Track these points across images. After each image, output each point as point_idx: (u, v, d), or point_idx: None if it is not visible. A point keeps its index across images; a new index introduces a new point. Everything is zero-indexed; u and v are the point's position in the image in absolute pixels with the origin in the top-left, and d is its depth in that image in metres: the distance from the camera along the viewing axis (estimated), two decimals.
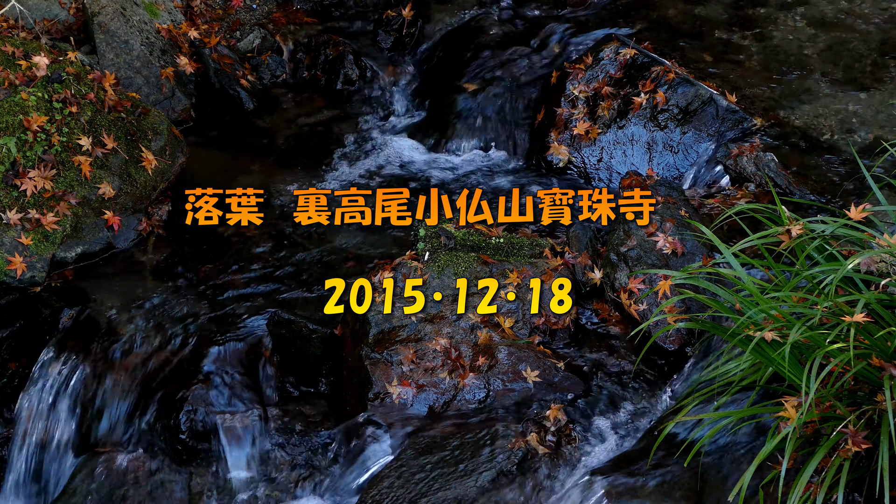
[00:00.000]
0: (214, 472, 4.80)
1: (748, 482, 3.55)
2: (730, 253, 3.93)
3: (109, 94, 5.54)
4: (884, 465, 3.39)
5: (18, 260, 5.14)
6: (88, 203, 5.40)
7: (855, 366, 3.46)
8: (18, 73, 5.40)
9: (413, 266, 5.00)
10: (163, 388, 4.93)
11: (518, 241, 5.14)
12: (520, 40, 6.60)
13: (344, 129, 6.40)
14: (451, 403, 4.68)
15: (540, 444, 4.38)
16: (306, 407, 4.96)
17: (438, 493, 4.29)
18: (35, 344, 5.13)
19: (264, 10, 6.98)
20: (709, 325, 4.12)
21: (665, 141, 5.76)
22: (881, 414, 3.48)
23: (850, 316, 3.48)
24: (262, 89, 6.63)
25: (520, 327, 4.87)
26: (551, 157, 5.91)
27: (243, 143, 6.26)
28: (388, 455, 4.54)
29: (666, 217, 5.04)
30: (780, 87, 5.97)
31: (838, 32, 6.30)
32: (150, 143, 5.63)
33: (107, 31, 6.19)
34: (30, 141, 5.27)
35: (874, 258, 3.81)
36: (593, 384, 4.74)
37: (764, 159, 5.39)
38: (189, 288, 5.32)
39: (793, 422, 3.46)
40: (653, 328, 4.72)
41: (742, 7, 6.59)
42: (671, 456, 4.03)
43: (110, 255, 5.46)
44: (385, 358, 4.76)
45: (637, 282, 4.88)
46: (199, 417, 4.81)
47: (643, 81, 5.82)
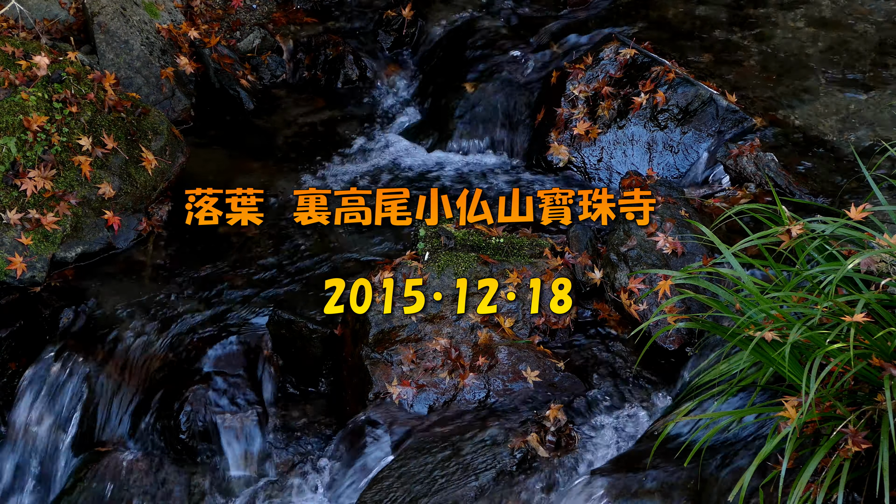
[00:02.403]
0: (214, 471, 4.80)
1: (748, 482, 3.55)
2: (730, 253, 3.93)
3: (109, 94, 5.54)
4: (884, 465, 3.39)
5: (18, 260, 5.14)
6: (88, 203, 5.40)
7: (855, 366, 3.46)
8: (18, 73, 5.40)
9: (413, 266, 5.00)
10: (163, 388, 4.93)
11: (518, 241, 5.14)
12: (520, 40, 6.60)
13: (344, 129, 6.40)
14: (451, 403, 4.68)
15: (540, 444, 4.38)
16: (306, 407, 4.96)
17: (438, 493, 4.29)
18: (35, 344, 5.13)
19: (264, 10, 6.98)
20: (709, 325, 4.12)
21: (665, 141, 5.76)
22: (881, 414, 3.48)
23: (850, 316, 3.48)
24: (262, 89, 6.63)
25: (520, 327, 4.88)
26: (551, 157, 5.91)
27: (243, 143, 6.26)
28: (388, 455, 4.54)
29: (666, 217, 5.04)
30: (780, 87, 5.97)
31: (838, 32, 6.30)
32: (150, 143, 5.63)
33: (107, 31, 6.19)
34: (30, 141, 5.27)
35: (874, 258, 3.81)
36: (593, 384, 4.74)
37: (764, 159, 5.39)
38: (189, 288, 5.32)
39: (793, 422, 3.46)
40: (653, 328, 4.72)
41: (742, 7, 6.59)
42: (671, 456, 4.03)
43: (110, 255, 5.46)
44: (385, 358, 4.76)
45: (637, 282, 4.88)
46: (200, 417, 4.81)
47: (643, 81, 5.82)
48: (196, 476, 4.80)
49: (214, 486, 4.79)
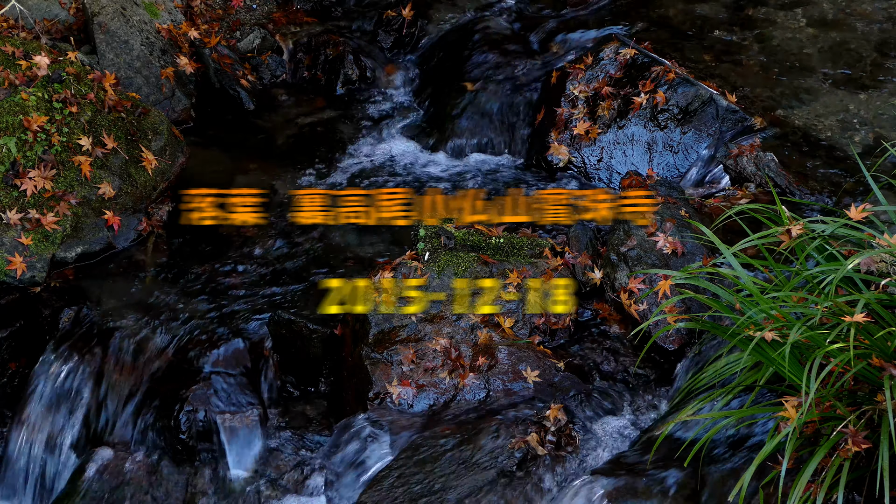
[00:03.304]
0: (214, 471, 4.80)
1: (748, 482, 3.55)
2: (730, 253, 3.93)
3: (109, 94, 5.54)
4: (884, 465, 3.39)
5: (18, 260, 5.14)
6: (88, 203, 5.40)
7: (855, 366, 3.46)
8: (18, 73, 5.40)
9: (413, 266, 5.00)
10: (163, 388, 4.93)
11: (518, 241, 5.14)
12: (520, 40, 6.60)
13: (344, 129, 6.40)
14: (451, 403, 4.68)
15: (540, 444, 4.38)
16: (306, 407, 4.97)
17: (438, 493, 4.29)
18: (35, 344, 5.13)
19: (264, 10, 6.98)
20: (709, 325, 4.12)
21: (665, 141, 5.76)
22: (881, 414, 3.48)
23: (850, 316, 3.48)
24: (262, 89, 6.63)
25: (520, 327, 4.88)
26: (551, 157, 5.91)
27: (243, 143, 6.26)
28: (388, 455, 4.54)
29: (666, 217, 5.04)
30: (780, 87, 5.97)
31: (838, 32, 6.30)
32: (150, 143, 5.63)
33: (107, 31, 6.19)
34: (30, 141, 5.27)
35: (874, 258, 3.81)
36: (593, 384, 4.75)
37: (764, 159, 5.39)
38: (189, 288, 5.32)
39: (793, 422, 3.46)
40: (653, 328, 4.72)
41: (742, 7, 6.59)
42: (671, 456, 4.04)
43: (110, 255, 5.46)
44: (385, 358, 4.76)
45: (637, 282, 4.88)
46: (200, 417, 4.81)
47: (643, 81, 5.82)
48: (196, 476, 4.80)
49: (214, 486, 4.79)
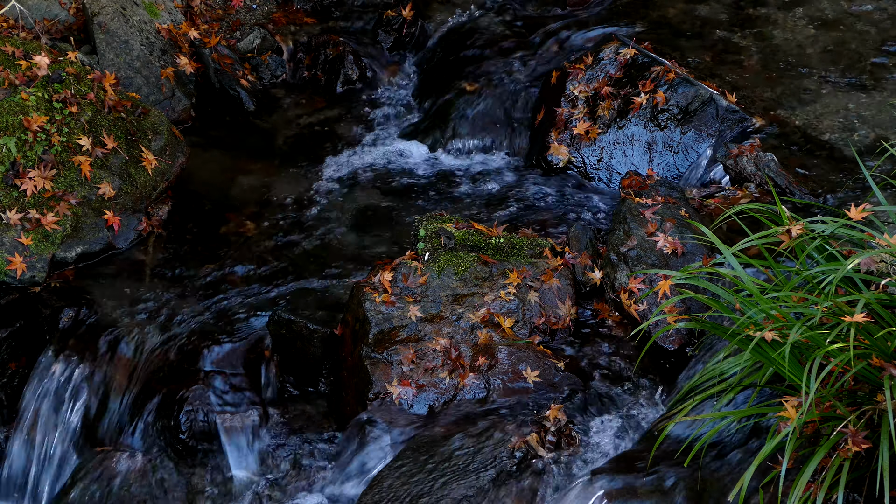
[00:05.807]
0: (214, 471, 4.80)
1: (748, 482, 3.55)
2: (730, 253, 3.93)
3: (109, 94, 5.54)
4: (884, 465, 3.39)
5: (18, 260, 5.14)
6: (88, 203, 5.40)
7: (855, 366, 3.46)
8: (18, 73, 5.40)
9: (413, 266, 5.00)
10: (163, 388, 4.93)
11: (518, 241, 5.14)
12: (520, 40, 6.59)
13: (344, 130, 6.40)
14: (451, 403, 4.68)
15: (540, 444, 4.38)
16: (306, 407, 4.96)
17: (438, 493, 4.29)
18: (35, 344, 5.13)
19: (264, 10, 6.98)
20: (709, 325, 4.12)
21: (665, 141, 5.76)
22: (881, 414, 3.48)
23: (850, 316, 3.48)
24: (262, 89, 6.63)
25: (520, 327, 4.87)
26: (551, 157, 5.91)
27: (243, 143, 6.26)
28: (388, 455, 4.54)
29: (666, 217, 5.04)
30: (780, 87, 5.96)
31: (838, 32, 6.30)
32: (150, 143, 5.63)
33: (107, 31, 6.19)
34: (30, 141, 5.27)
35: (874, 258, 3.81)
36: (593, 384, 4.74)
37: (764, 159, 5.39)
38: (189, 288, 5.32)
39: (793, 422, 3.46)
40: (653, 328, 4.71)
41: (742, 7, 6.59)
42: (671, 456, 4.03)
43: (110, 255, 5.46)
44: (385, 358, 4.76)
45: (637, 282, 4.88)
46: (200, 417, 4.81)
47: (643, 81, 5.82)
48: (196, 476, 4.80)
49: (214, 486, 4.79)
